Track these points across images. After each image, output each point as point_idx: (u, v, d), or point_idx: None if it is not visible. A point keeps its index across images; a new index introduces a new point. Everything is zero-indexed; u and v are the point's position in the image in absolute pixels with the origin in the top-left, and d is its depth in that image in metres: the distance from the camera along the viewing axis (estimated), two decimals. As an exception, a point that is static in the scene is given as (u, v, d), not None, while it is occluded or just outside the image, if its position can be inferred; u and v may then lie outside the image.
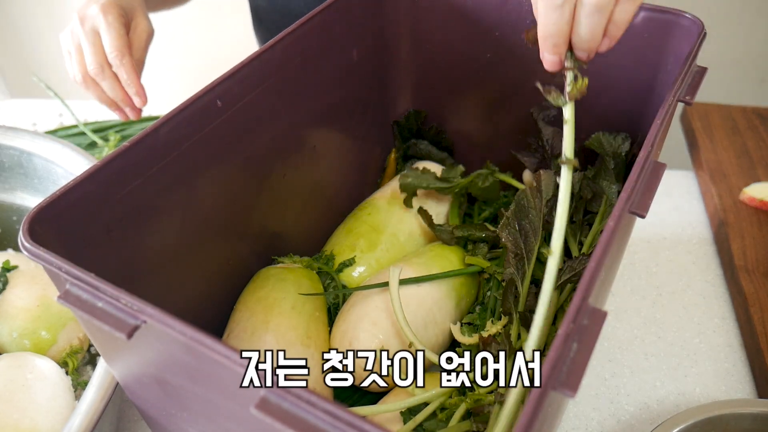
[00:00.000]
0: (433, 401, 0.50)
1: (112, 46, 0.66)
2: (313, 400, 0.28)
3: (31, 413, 0.52)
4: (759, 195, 0.78)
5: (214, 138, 0.49)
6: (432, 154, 0.73)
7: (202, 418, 0.40)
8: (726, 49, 1.49)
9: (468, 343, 0.55)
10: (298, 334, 0.54)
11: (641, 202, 0.40)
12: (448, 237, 0.62)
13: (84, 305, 0.34)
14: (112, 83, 0.68)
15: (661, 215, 0.82)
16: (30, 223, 0.37)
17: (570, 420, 0.60)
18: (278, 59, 0.53)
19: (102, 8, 0.66)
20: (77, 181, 0.40)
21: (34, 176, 0.66)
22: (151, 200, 0.46)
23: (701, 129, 0.91)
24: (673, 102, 0.44)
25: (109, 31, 0.66)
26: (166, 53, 1.93)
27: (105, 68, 0.67)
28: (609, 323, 0.69)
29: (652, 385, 0.63)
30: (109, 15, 0.66)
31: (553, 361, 0.30)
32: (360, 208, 0.68)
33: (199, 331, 0.31)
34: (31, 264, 0.63)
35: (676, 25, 0.54)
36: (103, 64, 0.67)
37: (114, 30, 0.66)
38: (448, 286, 0.59)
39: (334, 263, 0.63)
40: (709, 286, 0.73)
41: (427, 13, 0.65)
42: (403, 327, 0.52)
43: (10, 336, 0.59)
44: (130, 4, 0.71)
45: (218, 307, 0.58)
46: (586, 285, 0.33)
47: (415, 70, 0.70)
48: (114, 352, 0.41)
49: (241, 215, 0.56)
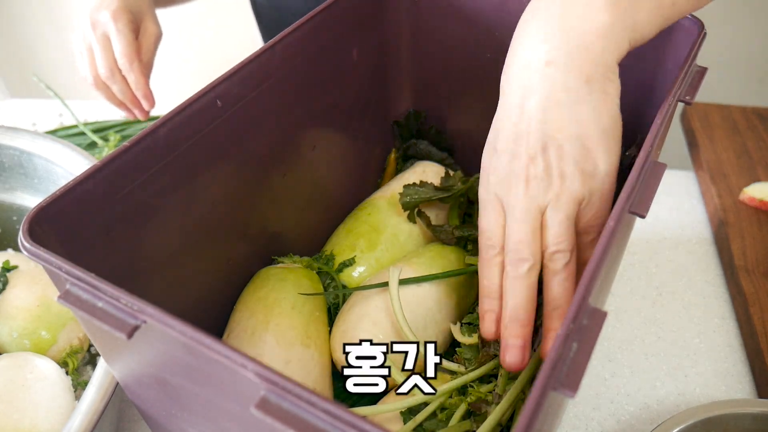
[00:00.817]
0: (433, 401, 0.50)
1: (121, 53, 0.70)
2: (313, 400, 0.28)
3: (31, 413, 0.52)
4: (759, 195, 0.78)
5: (214, 138, 0.49)
6: (432, 154, 0.73)
7: (202, 418, 0.40)
8: (726, 49, 1.49)
9: (468, 343, 0.55)
10: (298, 334, 0.54)
11: (641, 202, 0.40)
12: (448, 237, 0.62)
13: (84, 305, 0.34)
14: (122, 87, 0.72)
15: (661, 215, 0.82)
16: (30, 223, 0.37)
17: (570, 420, 0.60)
18: (278, 59, 0.53)
19: (113, 15, 0.70)
20: (77, 181, 0.40)
21: (34, 176, 0.66)
22: (151, 200, 0.46)
23: (701, 129, 0.91)
24: (673, 102, 0.44)
25: (119, 38, 0.70)
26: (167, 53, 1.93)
27: (115, 73, 0.71)
28: (609, 323, 0.69)
29: (652, 385, 0.63)
30: (119, 22, 0.70)
31: (553, 361, 0.30)
32: (360, 208, 0.68)
33: (199, 331, 0.31)
34: (31, 264, 0.63)
35: (675, 25, 0.54)
36: (114, 68, 0.71)
37: (123, 37, 0.70)
38: (448, 286, 0.59)
39: (334, 263, 0.63)
40: (709, 286, 0.73)
41: (427, 13, 0.65)
42: (403, 327, 0.52)
43: (10, 336, 0.59)
44: (139, 9, 0.74)
45: (218, 307, 0.58)
46: (587, 285, 0.33)
47: (415, 70, 0.70)
48: (114, 352, 0.41)
49: (241, 215, 0.56)
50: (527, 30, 0.43)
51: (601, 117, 0.42)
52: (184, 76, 1.92)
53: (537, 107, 0.42)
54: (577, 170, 0.42)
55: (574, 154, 0.42)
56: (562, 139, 0.41)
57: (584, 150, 0.42)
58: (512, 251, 0.43)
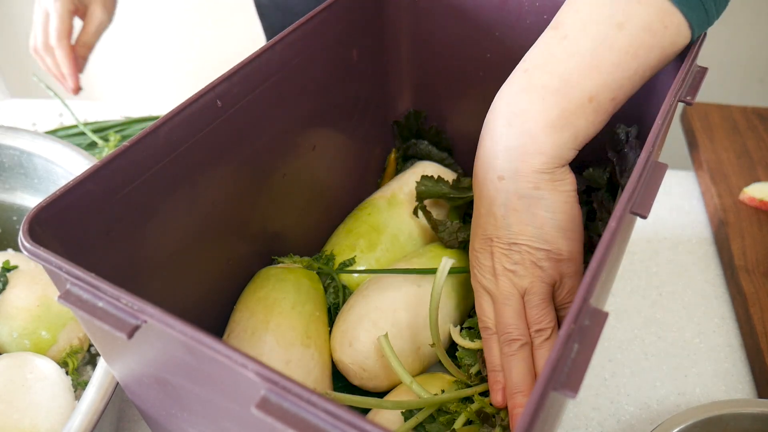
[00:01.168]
0: (432, 404, 0.50)
1: (54, 30, 0.80)
2: (313, 399, 0.28)
3: (31, 413, 0.52)
4: (759, 195, 0.78)
5: (214, 138, 0.49)
6: (432, 154, 0.73)
7: (202, 418, 0.40)
8: (726, 49, 1.49)
9: (468, 347, 0.55)
10: (298, 334, 0.54)
11: (642, 202, 0.40)
12: (451, 239, 0.62)
13: (84, 305, 0.34)
14: (52, 61, 0.82)
15: (661, 215, 0.82)
16: (30, 223, 0.37)
17: (570, 420, 0.60)
18: (278, 59, 0.53)
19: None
20: (77, 181, 0.40)
21: (34, 176, 0.66)
22: (151, 200, 0.46)
23: (701, 129, 0.91)
24: (673, 102, 0.44)
25: (53, 17, 0.79)
26: (167, 53, 1.93)
27: (48, 47, 0.81)
28: (609, 323, 0.69)
29: (652, 385, 0.63)
30: (58, 2, 0.79)
31: (554, 362, 0.30)
32: (360, 208, 0.68)
33: (199, 331, 0.31)
34: (31, 264, 0.63)
35: (676, 25, 0.54)
36: (46, 43, 0.81)
37: (58, 16, 0.79)
38: (448, 286, 0.59)
39: (334, 263, 0.63)
40: (709, 286, 0.73)
41: (427, 13, 0.65)
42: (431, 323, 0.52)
43: (10, 336, 0.59)
44: None
45: (218, 307, 0.58)
46: (588, 285, 0.33)
47: (415, 70, 0.70)
48: (114, 352, 0.41)
49: (241, 215, 0.56)
50: (484, 143, 0.49)
51: (555, 215, 0.47)
52: (184, 76, 1.92)
53: (499, 215, 0.48)
54: (544, 259, 0.48)
55: (538, 249, 0.48)
56: (525, 240, 0.48)
57: (547, 244, 0.47)
58: (502, 333, 0.49)
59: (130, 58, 1.85)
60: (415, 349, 0.56)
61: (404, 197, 0.67)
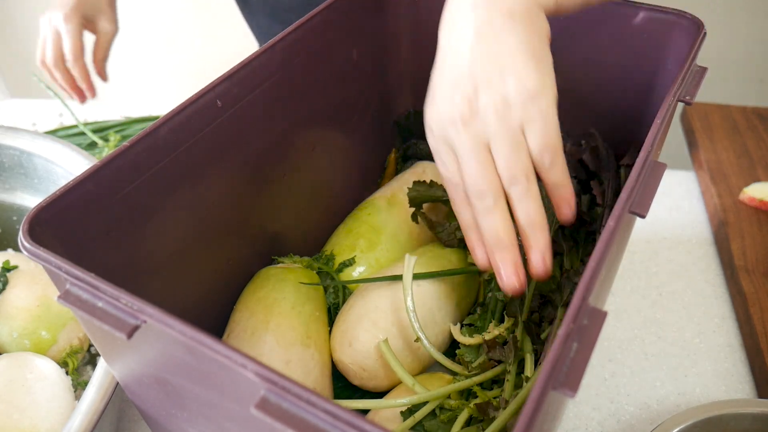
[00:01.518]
0: (432, 401, 0.50)
1: (69, 51, 0.83)
2: (313, 399, 0.28)
3: (31, 413, 0.52)
4: (759, 195, 0.78)
5: (214, 138, 0.49)
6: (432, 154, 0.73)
7: (202, 418, 0.40)
8: (726, 49, 1.49)
9: (468, 344, 0.55)
10: (298, 334, 0.54)
11: (641, 202, 0.40)
12: (449, 238, 0.62)
13: (84, 305, 0.34)
14: (64, 75, 0.85)
15: (661, 215, 0.82)
16: (30, 223, 0.37)
17: (570, 420, 0.60)
18: (278, 59, 0.53)
19: (65, 17, 0.82)
20: (77, 181, 0.40)
21: (34, 176, 0.66)
22: (151, 200, 0.46)
23: (701, 129, 0.91)
24: (673, 102, 0.44)
25: (67, 38, 0.83)
26: (167, 53, 1.93)
27: (59, 63, 0.84)
28: (609, 323, 0.69)
29: (652, 385, 0.63)
30: (69, 24, 0.82)
31: (553, 361, 0.30)
32: (360, 208, 0.68)
33: (199, 331, 0.31)
34: (31, 264, 0.63)
35: (676, 25, 0.54)
36: (58, 59, 0.84)
37: (71, 37, 0.82)
38: (448, 286, 0.59)
39: (334, 263, 0.63)
40: (709, 286, 0.73)
41: (427, 13, 0.65)
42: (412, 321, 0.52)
43: (10, 336, 0.59)
44: (93, 10, 0.86)
45: (218, 307, 0.58)
46: (586, 285, 0.33)
47: (415, 70, 0.70)
48: (114, 352, 0.41)
49: (241, 215, 0.56)
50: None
51: (528, 41, 0.43)
52: (184, 76, 1.92)
53: (466, 47, 0.44)
54: (511, 98, 0.43)
55: (504, 84, 0.43)
56: (491, 72, 0.43)
57: (513, 77, 0.42)
58: (471, 189, 0.44)
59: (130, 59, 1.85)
60: (414, 349, 0.56)
61: (404, 197, 0.66)
